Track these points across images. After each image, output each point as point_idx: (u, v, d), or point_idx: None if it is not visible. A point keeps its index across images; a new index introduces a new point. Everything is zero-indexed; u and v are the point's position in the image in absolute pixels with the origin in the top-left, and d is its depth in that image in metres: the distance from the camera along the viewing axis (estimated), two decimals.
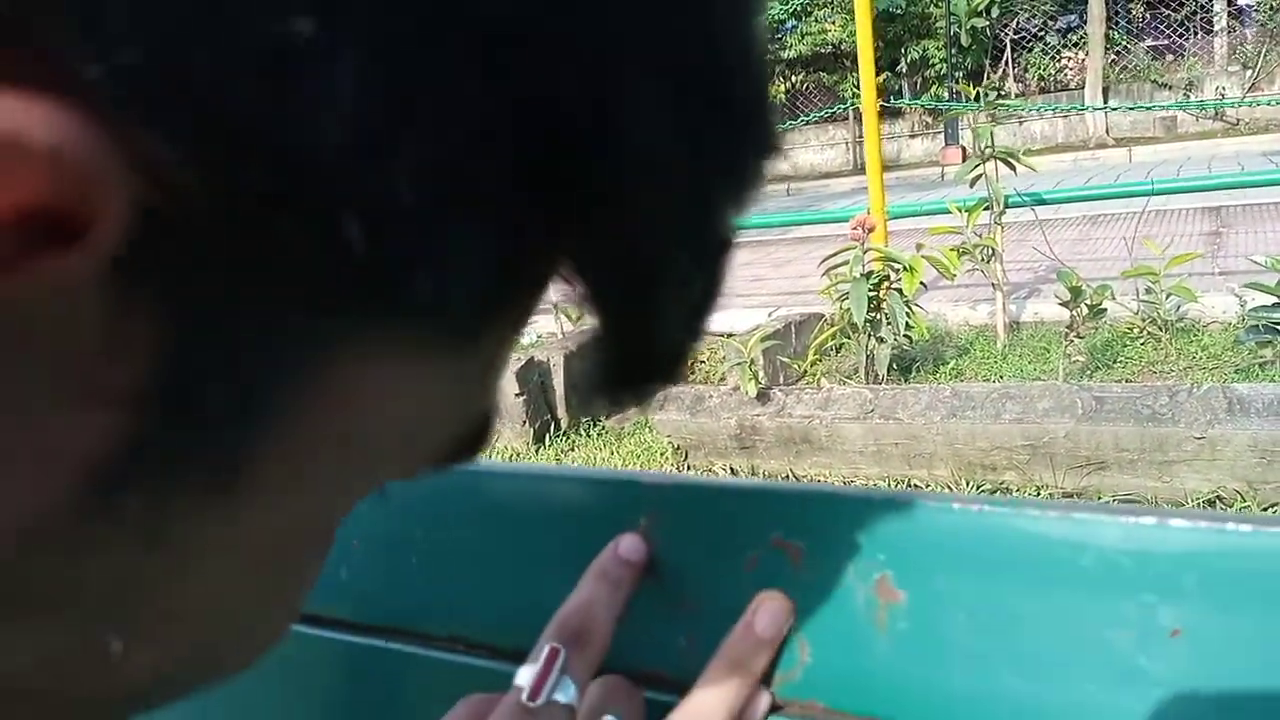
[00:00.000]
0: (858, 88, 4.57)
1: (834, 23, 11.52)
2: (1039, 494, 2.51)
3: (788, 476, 2.78)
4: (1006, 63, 11.75)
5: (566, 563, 0.41)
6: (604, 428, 3.38)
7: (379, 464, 0.17)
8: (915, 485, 2.57)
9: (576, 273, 0.17)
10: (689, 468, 2.93)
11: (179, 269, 0.12)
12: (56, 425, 0.12)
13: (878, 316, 2.95)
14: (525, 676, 0.34)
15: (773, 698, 0.38)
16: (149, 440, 0.13)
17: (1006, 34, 11.55)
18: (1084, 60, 11.31)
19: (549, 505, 0.44)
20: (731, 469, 2.84)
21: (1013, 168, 3.22)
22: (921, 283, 2.89)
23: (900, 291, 2.90)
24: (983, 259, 3.18)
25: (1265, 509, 2.20)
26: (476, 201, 0.14)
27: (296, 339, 0.14)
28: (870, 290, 2.90)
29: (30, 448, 0.12)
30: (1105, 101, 10.71)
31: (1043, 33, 11.60)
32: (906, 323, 2.89)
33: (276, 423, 0.14)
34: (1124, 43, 11.18)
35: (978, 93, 4.00)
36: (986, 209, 3.21)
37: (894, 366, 3.03)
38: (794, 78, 12.44)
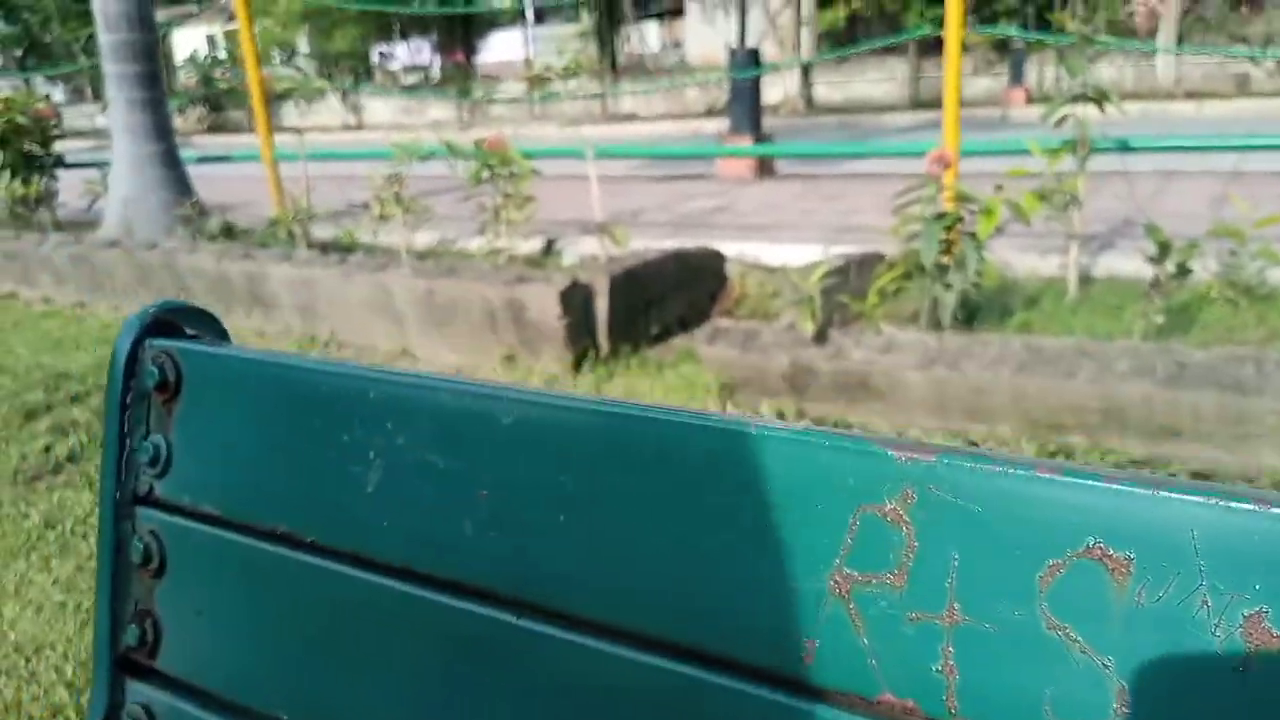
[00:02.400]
0: (922, 16, 4.32)
1: None
2: (1103, 459, 2.41)
3: (838, 423, 2.68)
4: (1074, 3, 11.26)
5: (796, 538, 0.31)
6: (645, 358, 3.29)
7: None
8: (973, 443, 2.47)
9: None
10: (734, 406, 2.84)
11: None
12: None
13: (946, 260, 2.81)
14: None
15: None
16: None
17: None
18: (1153, 6, 10.90)
19: (791, 470, 0.34)
20: (780, 412, 2.74)
21: (1101, 108, 3.03)
22: (997, 227, 2.74)
23: (974, 235, 2.76)
24: (1061, 206, 3.01)
25: None
26: None
27: None
28: (941, 232, 2.76)
29: None
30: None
31: None
32: (977, 269, 2.76)
33: None
34: None
35: (1062, 27, 3.76)
36: (1071, 152, 3.03)
37: (956, 315, 2.90)
38: (854, 2, 11.94)
